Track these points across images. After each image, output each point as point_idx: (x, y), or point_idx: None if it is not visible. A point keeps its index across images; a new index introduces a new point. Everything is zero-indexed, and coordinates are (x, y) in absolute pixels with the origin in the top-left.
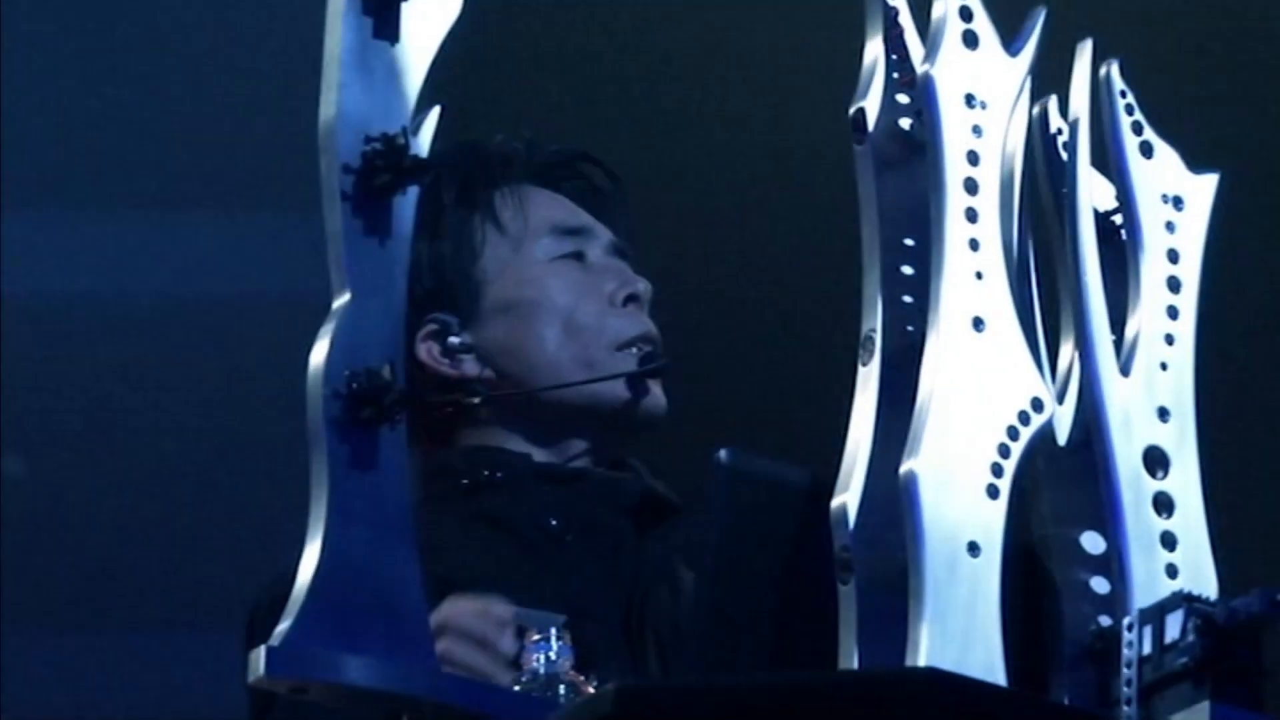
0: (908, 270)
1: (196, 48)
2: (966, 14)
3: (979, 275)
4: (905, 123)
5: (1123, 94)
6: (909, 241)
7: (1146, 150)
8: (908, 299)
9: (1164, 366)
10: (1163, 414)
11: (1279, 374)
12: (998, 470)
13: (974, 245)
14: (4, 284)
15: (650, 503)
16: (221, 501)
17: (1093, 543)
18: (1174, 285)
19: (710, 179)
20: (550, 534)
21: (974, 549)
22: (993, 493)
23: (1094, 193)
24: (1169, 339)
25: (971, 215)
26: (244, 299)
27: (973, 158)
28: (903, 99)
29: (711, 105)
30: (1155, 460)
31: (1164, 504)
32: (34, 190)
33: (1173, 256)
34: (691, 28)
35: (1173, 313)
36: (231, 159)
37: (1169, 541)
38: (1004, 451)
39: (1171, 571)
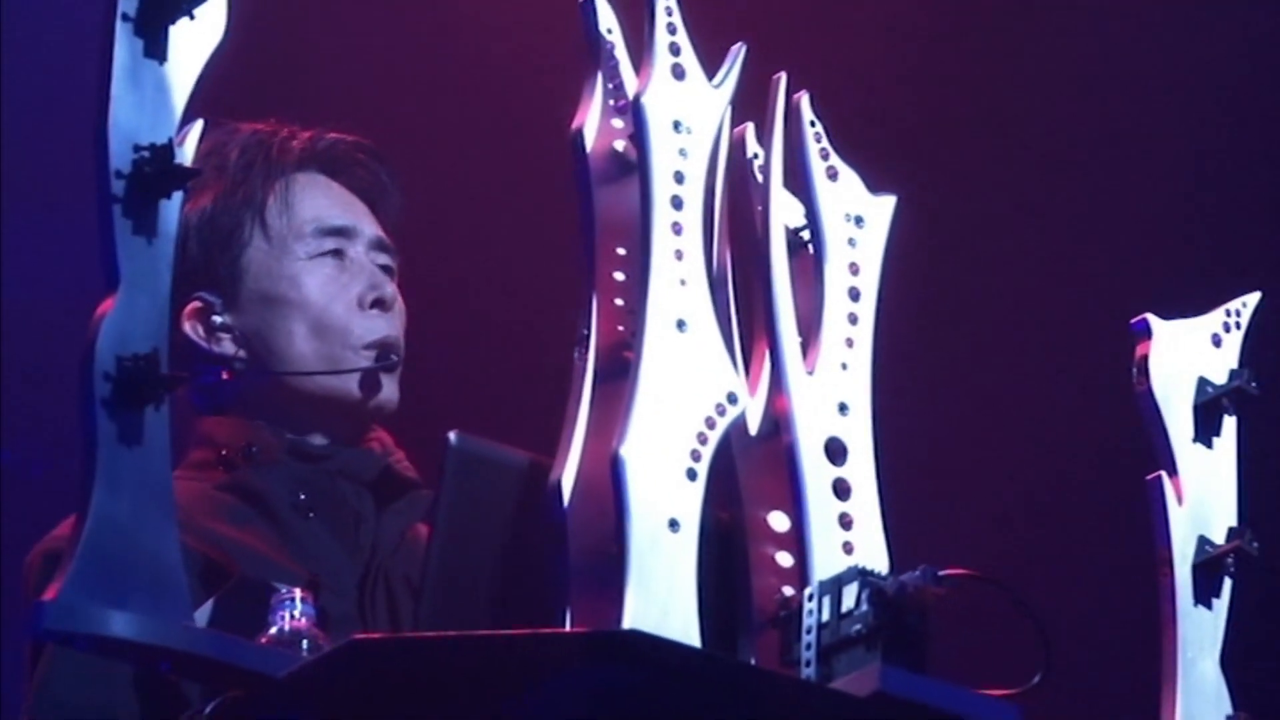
0: (620, 276)
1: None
2: (675, 49)
3: (683, 282)
4: (619, 144)
5: (812, 123)
6: (621, 251)
7: (832, 174)
8: (619, 302)
9: (844, 366)
10: (843, 409)
11: (950, 375)
12: (696, 456)
13: (679, 255)
14: (4, 284)
15: (389, 478)
16: None
17: (779, 521)
18: (854, 295)
19: (447, 192)
20: (297, 509)
21: (674, 525)
22: (691, 475)
23: (785, 211)
24: (849, 342)
25: (677, 229)
26: None
27: (679, 177)
28: (617, 123)
29: (451, 121)
30: (835, 450)
31: (842, 489)
32: (35, 191)
33: (854, 269)
34: (432, 49)
35: (853, 319)
36: None
37: (846, 522)
38: (702, 439)
39: (848, 548)
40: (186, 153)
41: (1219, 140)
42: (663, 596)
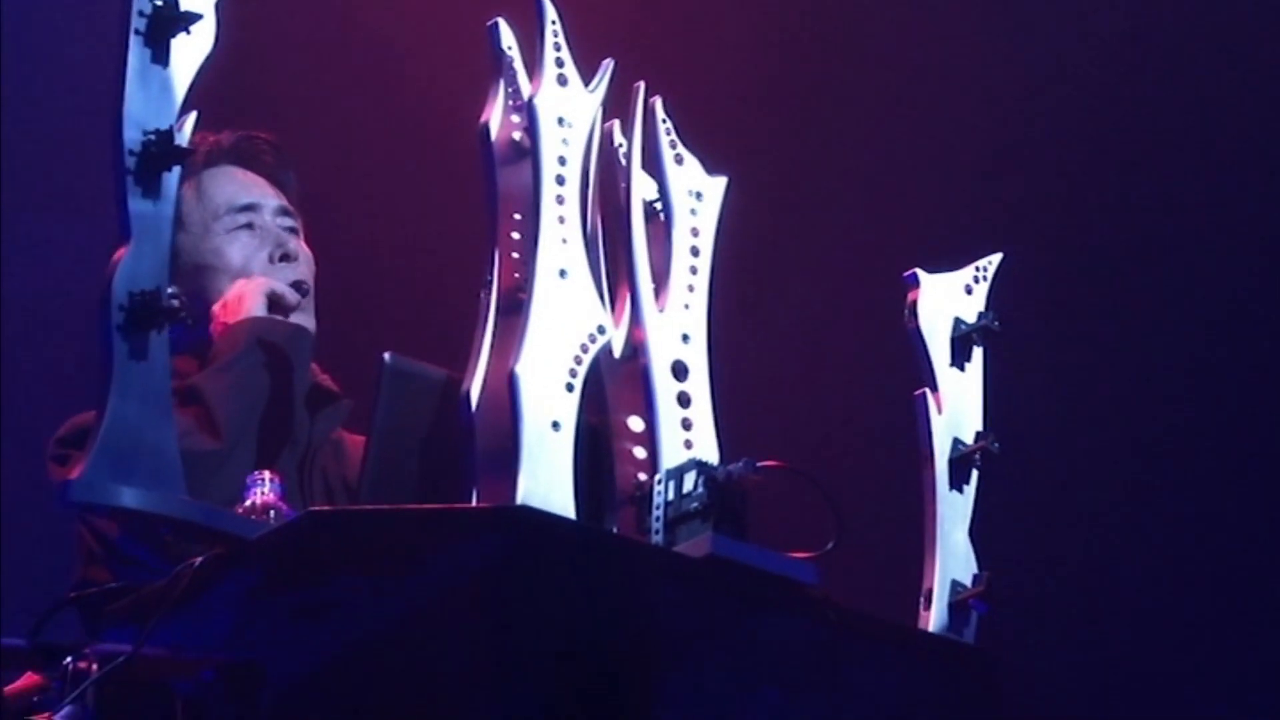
0: (515, 236)
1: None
2: (560, 63)
3: (564, 241)
4: (516, 135)
5: (664, 120)
6: (517, 216)
7: (679, 160)
8: (515, 255)
9: (687, 306)
10: (685, 338)
11: (769, 314)
12: (573, 373)
13: (561, 220)
14: (4, 284)
15: (318, 393)
16: None
17: (636, 424)
18: (695, 252)
19: (383, 169)
20: None
21: (556, 426)
22: (570, 388)
23: (642, 187)
24: (691, 288)
25: (560, 200)
26: None
27: (562, 161)
28: (515, 118)
29: (390, 120)
30: (679, 369)
31: (684, 399)
32: (35, 192)
33: (695, 232)
34: (375, 67)
35: (694, 270)
36: None
37: (687, 424)
38: (578, 360)
39: (688, 445)
40: (184, 136)
41: (981, 138)
42: (546, 480)
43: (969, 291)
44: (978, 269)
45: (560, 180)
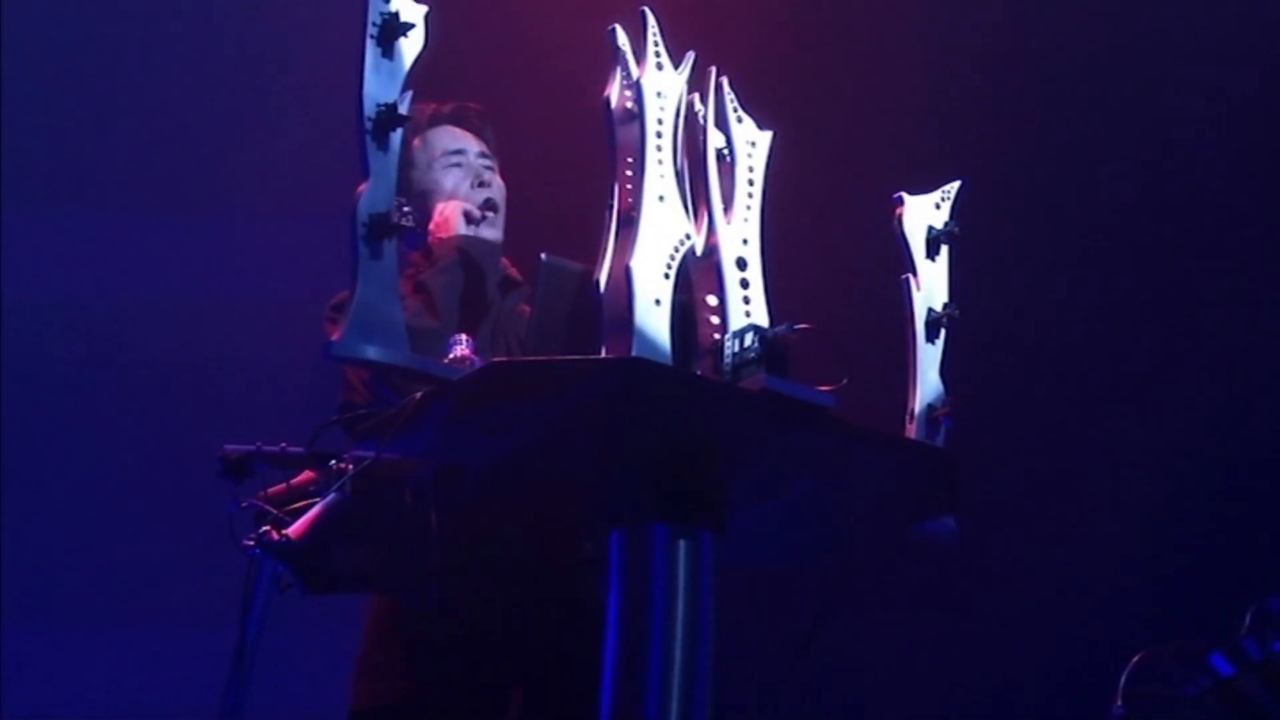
0: (629, 173)
1: (198, 56)
2: (658, 54)
3: (662, 176)
4: (629, 104)
5: (729, 93)
6: (629, 160)
7: (739, 120)
8: (629, 187)
9: (746, 220)
10: (745, 242)
11: (804, 223)
12: (669, 266)
13: (660, 162)
14: (4, 284)
15: (505, 280)
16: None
17: (712, 300)
18: (751, 183)
19: (544, 128)
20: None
21: (658, 302)
22: (667, 276)
23: (714, 139)
24: (748, 207)
25: (659, 149)
26: (247, 296)
27: (660, 122)
28: (628, 93)
29: (545, 94)
30: (741, 263)
31: (745, 284)
32: (35, 192)
33: (751, 169)
34: (530, 59)
35: (750, 195)
36: (232, 164)
37: (747, 300)
38: (672, 258)
39: (748, 314)
40: (404, 107)
41: (948, 98)
42: (651, 339)
43: (938, 207)
44: (944, 192)
45: (659, 134)
